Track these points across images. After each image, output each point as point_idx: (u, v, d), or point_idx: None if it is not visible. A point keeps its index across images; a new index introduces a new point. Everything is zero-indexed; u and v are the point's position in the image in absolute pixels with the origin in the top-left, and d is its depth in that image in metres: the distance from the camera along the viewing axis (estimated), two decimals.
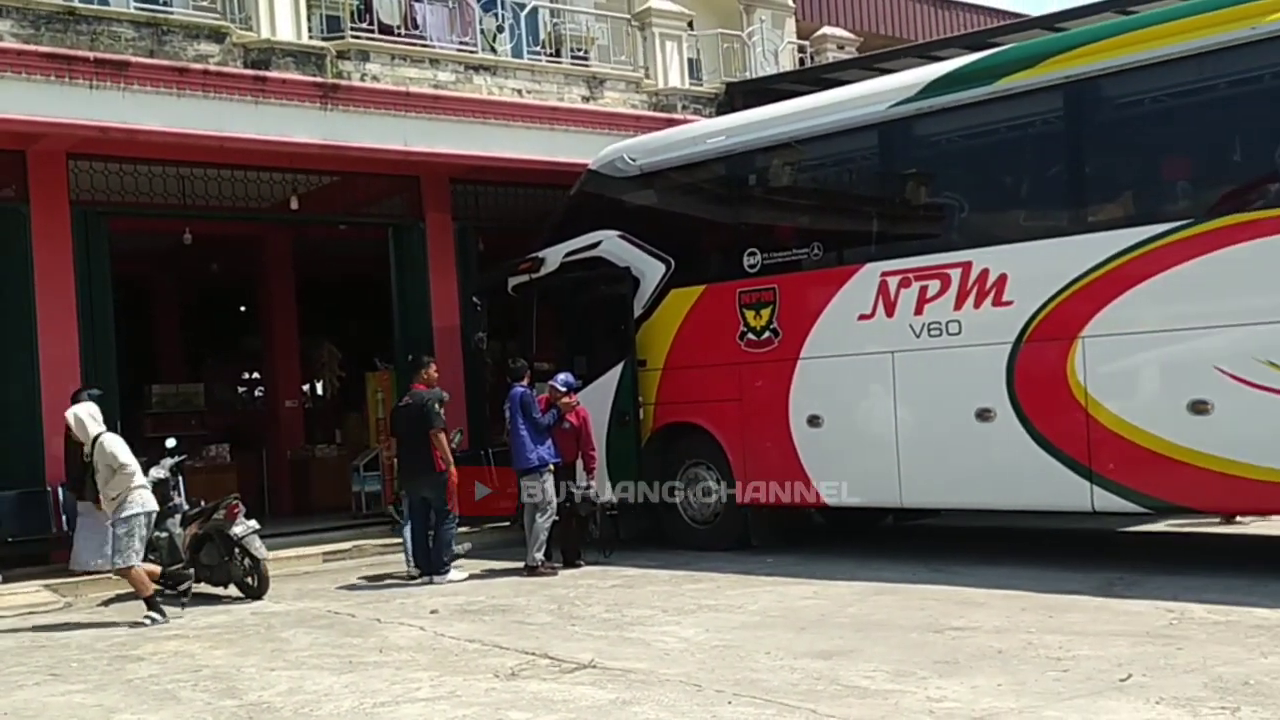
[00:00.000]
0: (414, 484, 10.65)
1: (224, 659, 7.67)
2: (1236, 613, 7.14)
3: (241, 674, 7.17)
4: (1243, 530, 10.52)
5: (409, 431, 10.62)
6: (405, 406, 10.72)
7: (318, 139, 12.03)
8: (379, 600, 9.79)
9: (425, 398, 10.59)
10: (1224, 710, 5.20)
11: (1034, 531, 11.40)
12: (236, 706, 6.38)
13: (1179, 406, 8.41)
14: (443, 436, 10.46)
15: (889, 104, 10.05)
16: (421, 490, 10.55)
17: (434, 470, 10.43)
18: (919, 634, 7.16)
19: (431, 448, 10.40)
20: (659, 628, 7.86)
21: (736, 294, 10.91)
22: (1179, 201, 8.77)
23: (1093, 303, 8.78)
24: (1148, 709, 5.29)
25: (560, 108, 13.74)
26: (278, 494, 16.23)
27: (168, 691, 6.83)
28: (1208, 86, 8.70)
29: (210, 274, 18.85)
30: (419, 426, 10.48)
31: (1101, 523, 10.86)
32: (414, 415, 10.54)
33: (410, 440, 10.62)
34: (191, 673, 7.29)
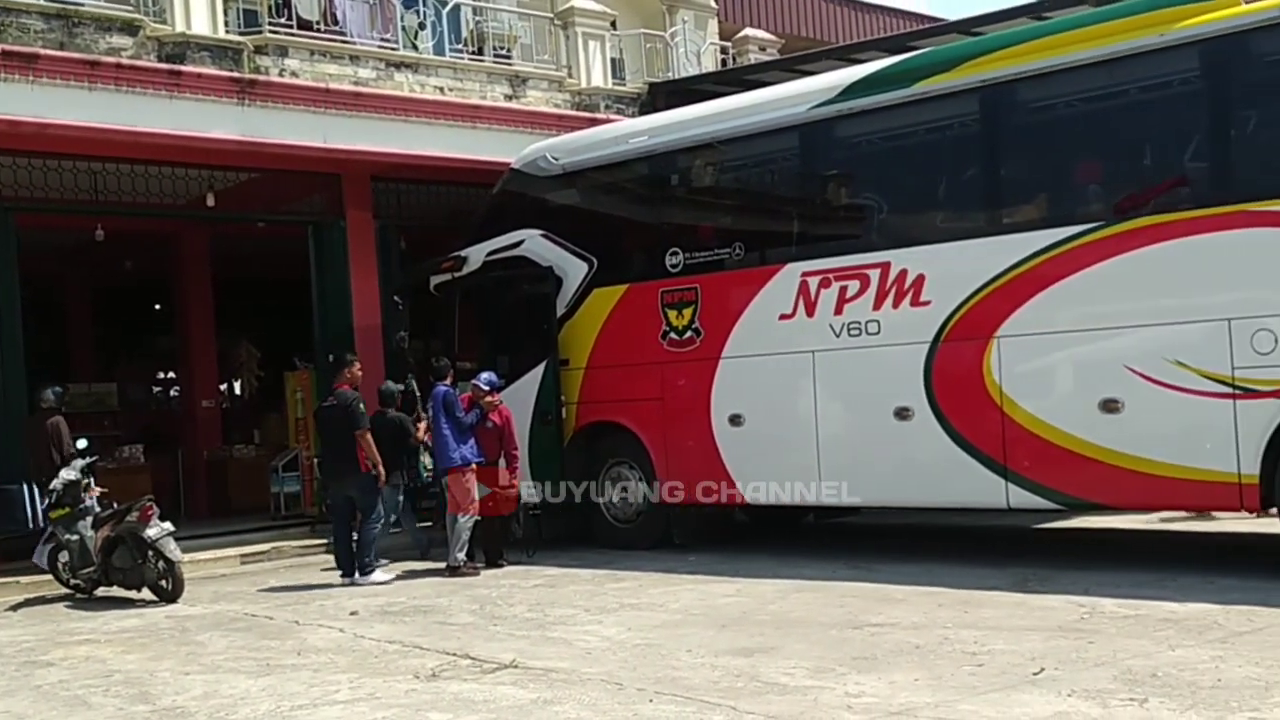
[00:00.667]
0: (339, 484, 10.56)
1: (137, 663, 7.53)
2: (1146, 607, 7.30)
3: (155, 678, 7.05)
4: (1156, 526, 10.76)
5: (333, 432, 10.51)
6: (329, 407, 10.60)
7: (235, 135, 11.86)
8: (298, 602, 9.68)
9: (349, 398, 10.49)
10: (1133, 702, 5.31)
11: (951, 529, 11.57)
12: (149, 712, 6.27)
13: (1091, 405, 8.58)
14: (369, 437, 10.38)
15: (810, 105, 10.14)
16: (347, 490, 10.45)
17: (359, 471, 10.34)
18: (838, 631, 7.24)
19: (356, 448, 10.30)
20: (581, 627, 7.86)
21: (659, 293, 10.93)
22: (1091, 204, 8.94)
23: (1008, 303, 8.92)
24: (1060, 701, 5.39)
25: (482, 106, 13.68)
26: (194, 496, 15.96)
27: (78, 697, 6.69)
28: (1119, 91, 8.88)
29: (124, 271, 18.47)
30: (343, 427, 10.37)
31: (1017, 520, 11.05)
32: (338, 416, 10.43)
33: (334, 441, 10.50)
34: (103, 678, 7.15)
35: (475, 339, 12.91)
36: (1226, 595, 7.44)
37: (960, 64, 9.37)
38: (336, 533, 10.58)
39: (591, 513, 11.66)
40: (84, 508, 10.21)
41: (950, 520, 11.64)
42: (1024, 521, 11.25)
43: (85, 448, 10.73)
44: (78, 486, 10.21)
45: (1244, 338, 7.94)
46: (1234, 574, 8.14)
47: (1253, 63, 8.28)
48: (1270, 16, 7.99)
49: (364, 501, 10.44)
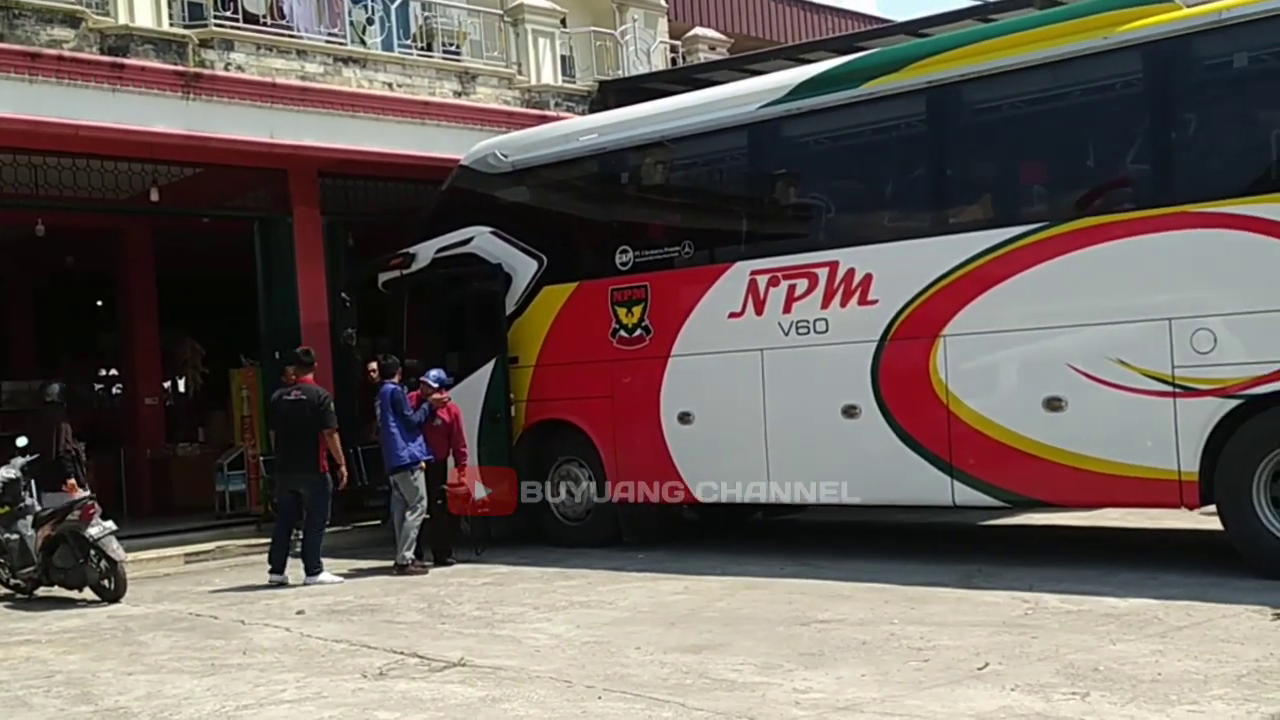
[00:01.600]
0: (290, 479, 10.44)
1: (79, 664, 7.44)
2: (1088, 602, 7.39)
3: (97, 679, 6.96)
4: (1098, 522, 10.90)
5: (295, 425, 10.37)
6: (295, 401, 10.44)
7: (179, 129, 11.74)
8: (243, 601, 9.59)
9: (319, 394, 10.41)
10: (1075, 695, 5.39)
11: (898, 526, 11.67)
12: (91, 712, 6.19)
13: (1035, 403, 8.68)
14: (336, 438, 10.31)
15: (759, 105, 10.18)
16: (297, 486, 10.36)
17: (316, 469, 10.25)
18: (786, 627, 7.28)
19: (318, 444, 10.22)
20: (530, 625, 7.86)
21: (609, 291, 10.94)
22: (1035, 205, 9.05)
23: (953, 302, 9.01)
24: (1003, 696, 5.46)
25: (431, 102, 13.62)
26: (137, 494, 15.77)
27: (18, 698, 6.59)
28: (1063, 94, 8.99)
29: (65, 267, 18.21)
30: (309, 423, 10.27)
31: (962, 517, 11.16)
32: (304, 410, 10.31)
33: (295, 434, 10.38)
34: (44, 679, 7.05)
35: (424, 336, 12.85)
36: (1166, 591, 7.55)
37: (908, 65, 9.44)
38: (277, 529, 10.49)
39: (541, 511, 11.65)
40: (24, 506, 10.06)
41: (897, 518, 11.74)
42: (969, 519, 11.36)
43: (25, 445, 10.56)
44: (18, 485, 10.07)
45: (1184, 337, 8.06)
46: (1174, 570, 8.25)
47: (1193, 66, 8.42)
48: (1210, 20, 8.13)
49: (314, 501, 10.35)
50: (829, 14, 22.88)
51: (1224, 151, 8.37)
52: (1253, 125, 8.29)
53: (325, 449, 10.33)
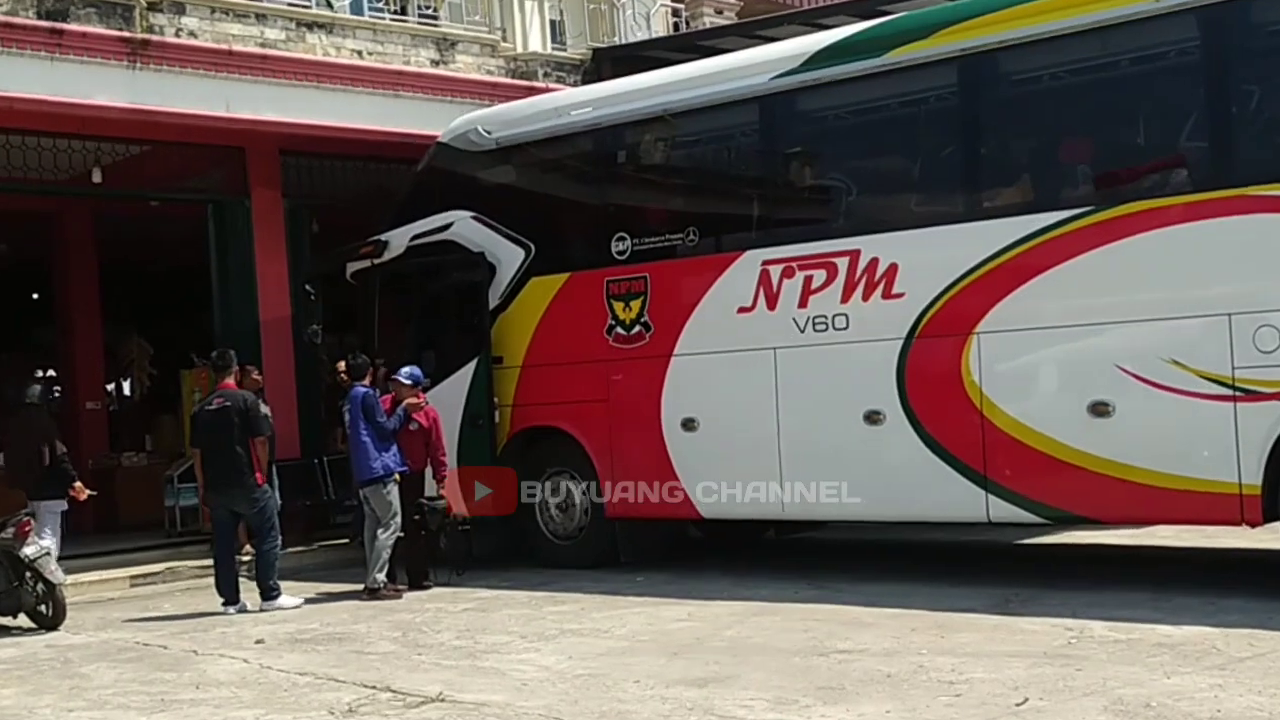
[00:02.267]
0: (225, 496, 10.39)
1: (13, 699, 7.42)
2: (1139, 630, 7.39)
3: (34, 716, 6.96)
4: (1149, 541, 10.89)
5: (221, 438, 10.34)
6: (218, 410, 10.41)
7: (125, 102, 11.75)
8: (196, 629, 9.59)
9: (245, 398, 10.36)
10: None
11: (926, 545, 11.67)
12: None
13: (1079, 408, 8.67)
14: (267, 445, 10.28)
15: (771, 75, 10.18)
16: (235, 504, 10.33)
17: (248, 482, 10.21)
18: (802, 658, 7.27)
19: (249, 454, 10.20)
20: (516, 655, 7.85)
21: (604, 283, 10.94)
22: (1080, 187, 9.05)
23: (989, 296, 9.00)
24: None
25: (406, 72, 13.63)
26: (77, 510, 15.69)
27: None
28: (1112, 63, 8.98)
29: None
30: (237, 432, 10.25)
31: (998, 535, 11.15)
32: (228, 419, 10.28)
33: (222, 446, 10.35)
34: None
35: (397, 333, 12.85)
36: (1226, 617, 7.54)
37: (938, 31, 9.43)
38: (218, 553, 10.45)
39: (527, 528, 11.65)
40: None
41: (925, 536, 11.73)
42: (1005, 537, 11.36)
43: None
44: None
45: (1245, 335, 8.06)
46: (1234, 594, 8.24)
47: (1257, 31, 8.42)
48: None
49: (256, 518, 10.31)
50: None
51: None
52: None
53: (257, 458, 10.29)
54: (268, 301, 13.95)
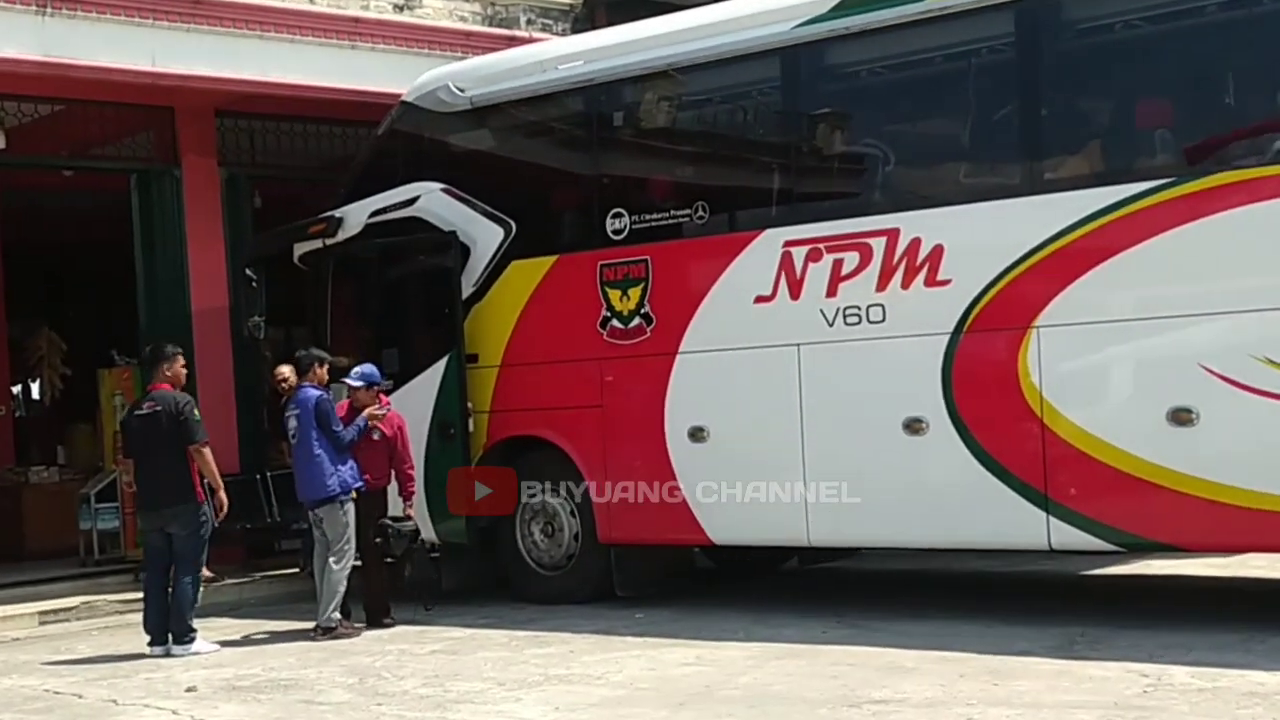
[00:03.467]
0: (156, 515, 10.40)
1: None
2: (1226, 676, 7.38)
3: None
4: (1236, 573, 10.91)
5: (152, 446, 10.38)
6: (148, 415, 10.44)
7: (32, 55, 11.81)
8: (116, 675, 9.59)
9: (177, 401, 10.38)
10: None
11: (977, 576, 11.68)
12: None
13: (1157, 416, 8.67)
14: (207, 452, 10.28)
15: (794, 23, 10.18)
16: (166, 524, 10.32)
17: (188, 498, 10.23)
18: (830, 709, 7.28)
19: (188, 465, 10.22)
20: (493, 706, 7.87)
21: (597, 268, 10.97)
22: (1160, 155, 9.07)
23: (1051, 283, 9.01)
24: None
25: (364, 19, 13.67)
26: None
27: None
28: (1197, 7, 8.99)
29: None
30: (169, 439, 10.26)
31: (1062, 564, 11.17)
32: (160, 425, 10.30)
33: (155, 457, 10.37)
34: None
35: (353, 326, 12.87)
36: None
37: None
38: (148, 582, 10.48)
39: (508, 556, 11.67)
40: None
41: (975, 565, 11.74)
42: (1071, 567, 11.38)
43: None
44: None
45: None
46: None
47: None
48: None
49: (184, 543, 10.28)
50: None
51: None
52: None
53: (196, 470, 10.30)
54: (201, 289, 13.98)
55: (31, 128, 13.56)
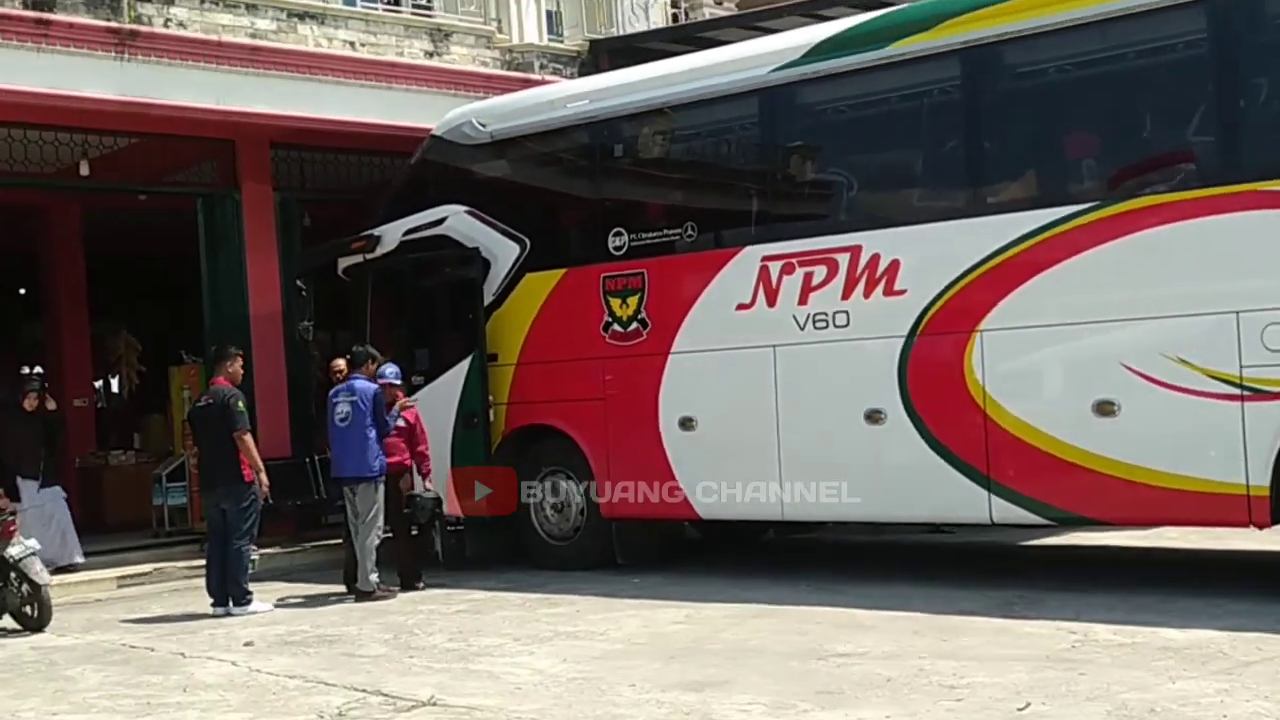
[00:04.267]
0: (212, 494, 10.43)
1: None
2: (1143, 634, 7.38)
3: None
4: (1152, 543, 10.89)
5: (208, 434, 10.37)
6: (204, 407, 10.44)
7: (113, 94, 11.76)
8: (184, 631, 9.58)
9: (226, 395, 10.37)
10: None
11: (928, 547, 11.67)
12: None
13: (1084, 408, 8.66)
14: (247, 439, 10.26)
15: (771, 68, 10.17)
16: (220, 501, 10.32)
17: (238, 479, 10.23)
18: (800, 661, 7.27)
19: (236, 451, 10.21)
20: (510, 658, 7.85)
21: (600, 279, 10.93)
22: (1085, 182, 9.05)
23: (992, 292, 9.00)
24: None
25: (399, 64, 13.63)
26: None
27: None
28: (1118, 56, 8.97)
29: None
30: (221, 429, 10.27)
31: (1001, 536, 11.15)
32: (214, 416, 10.30)
33: (210, 444, 10.37)
34: None
35: (389, 330, 12.85)
36: (1233, 621, 7.54)
37: (941, 22, 9.41)
38: (210, 551, 10.48)
39: (523, 529, 11.64)
40: None
41: (926, 537, 11.73)
42: (1009, 538, 11.37)
43: None
44: None
45: (1253, 333, 8.05)
46: (1241, 597, 8.25)
47: (1268, 24, 8.40)
48: None
49: (235, 517, 10.26)
50: None
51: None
52: None
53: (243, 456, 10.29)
54: (258, 296, 13.95)
55: (111, 157, 13.54)
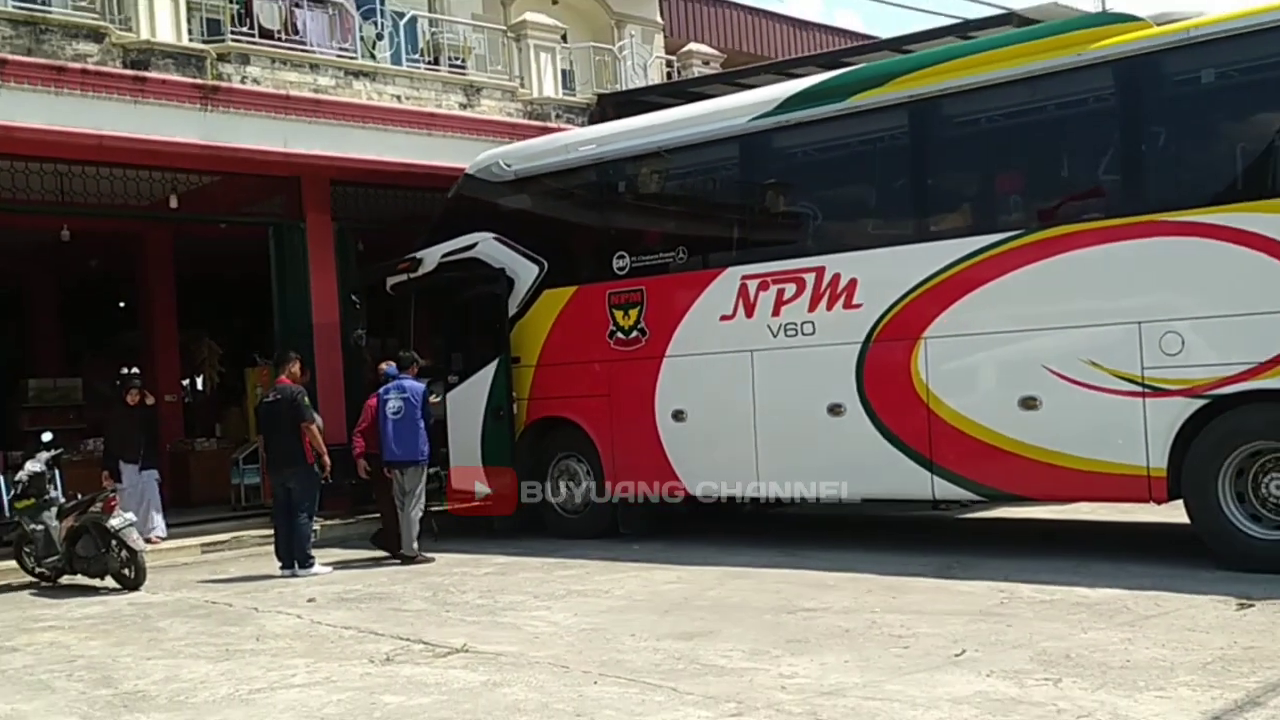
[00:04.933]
0: (278, 474, 10.41)
1: (100, 649, 7.43)
2: (1061, 592, 7.39)
3: (117, 663, 6.96)
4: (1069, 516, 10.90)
5: (276, 424, 10.35)
6: (272, 402, 10.44)
7: (198, 139, 11.74)
8: (256, 590, 9.58)
9: (293, 392, 10.38)
10: (1048, 681, 5.39)
11: (880, 519, 11.66)
12: (112, 695, 6.19)
13: (1011, 403, 8.67)
14: (314, 429, 10.27)
15: (749, 117, 10.17)
16: (286, 481, 10.32)
17: (302, 462, 10.23)
18: (773, 615, 7.27)
19: (300, 439, 10.21)
20: (529, 613, 7.85)
21: (606, 295, 10.93)
22: (1012, 213, 9.05)
23: (934, 306, 9.00)
24: (979, 681, 5.46)
25: (438, 114, 13.62)
26: None
27: (42, 682, 6.59)
28: (1038, 108, 8.98)
29: (89, 270, 18.21)
30: (288, 419, 10.26)
31: (941, 510, 11.14)
32: (282, 409, 10.30)
33: (278, 433, 10.36)
34: (66, 663, 7.05)
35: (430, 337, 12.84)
36: (1135, 581, 7.55)
37: (891, 80, 9.44)
38: (276, 524, 10.48)
39: (541, 504, 11.63)
40: (48, 499, 10.06)
41: (879, 511, 11.72)
42: (948, 511, 11.36)
43: (49, 440, 10.57)
44: (43, 478, 10.08)
45: (1153, 340, 8.06)
46: (1143, 561, 8.26)
47: (1163, 81, 8.41)
48: (1177, 39, 8.13)
49: (300, 494, 10.25)
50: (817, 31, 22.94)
51: (1192, 163, 8.36)
52: (1219, 138, 8.30)
53: (308, 442, 10.27)
54: (319, 309, 13.92)
55: (196, 192, 13.54)
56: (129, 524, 9.74)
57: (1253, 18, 7.87)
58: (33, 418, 14.74)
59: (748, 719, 5.10)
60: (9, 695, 6.33)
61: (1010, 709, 5.00)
